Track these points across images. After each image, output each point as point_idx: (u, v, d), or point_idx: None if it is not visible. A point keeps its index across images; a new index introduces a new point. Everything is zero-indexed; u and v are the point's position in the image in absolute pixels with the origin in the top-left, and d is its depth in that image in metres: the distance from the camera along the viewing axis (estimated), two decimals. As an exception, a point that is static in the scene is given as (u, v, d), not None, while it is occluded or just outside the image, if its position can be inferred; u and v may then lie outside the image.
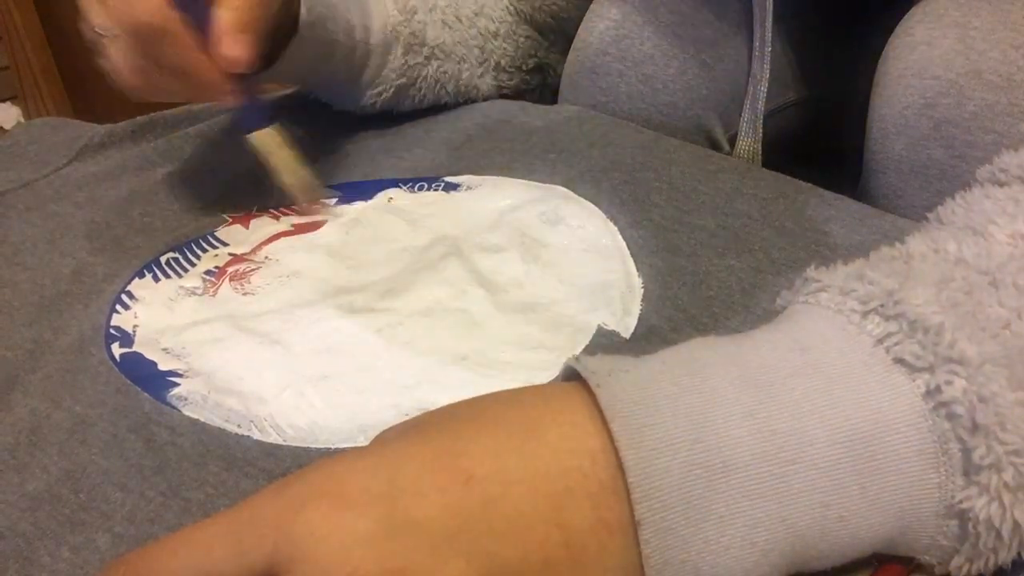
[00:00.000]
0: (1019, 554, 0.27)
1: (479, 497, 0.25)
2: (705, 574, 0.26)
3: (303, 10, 0.53)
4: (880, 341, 0.28)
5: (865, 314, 0.29)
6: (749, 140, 0.65)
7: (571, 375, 0.29)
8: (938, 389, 0.27)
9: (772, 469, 0.26)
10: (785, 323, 0.31)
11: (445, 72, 0.66)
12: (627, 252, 0.48)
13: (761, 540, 0.26)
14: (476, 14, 0.69)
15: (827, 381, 0.28)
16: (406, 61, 0.63)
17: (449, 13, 0.66)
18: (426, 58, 0.64)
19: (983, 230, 0.32)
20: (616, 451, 0.26)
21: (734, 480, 0.26)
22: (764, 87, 0.63)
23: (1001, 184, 0.36)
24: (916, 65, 0.50)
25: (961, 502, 0.27)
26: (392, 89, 0.63)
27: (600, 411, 0.27)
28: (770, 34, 0.62)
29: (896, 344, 0.28)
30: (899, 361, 0.28)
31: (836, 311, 0.30)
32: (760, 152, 0.65)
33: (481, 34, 0.69)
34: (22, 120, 1.82)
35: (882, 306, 0.29)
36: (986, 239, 0.32)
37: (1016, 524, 0.26)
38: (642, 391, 0.27)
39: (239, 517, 0.26)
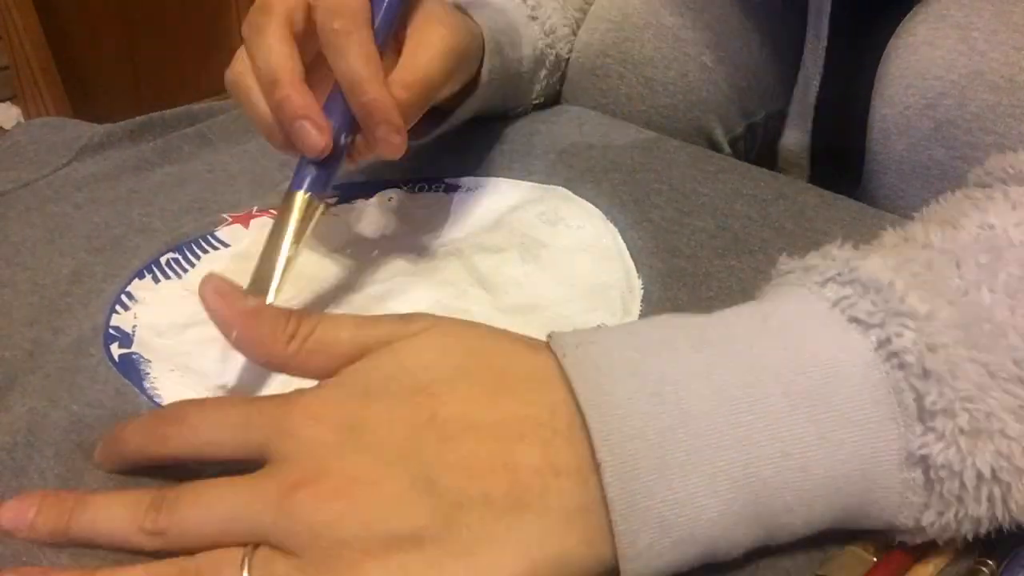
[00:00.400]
0: (993, 513, 0.28)
1: (438, 433, 0.29)
2: (671, 523, 0.27)
3: (484, 70, 0.52)
4: (835, 304, 0.29)
5: (824, 283, 0.30)
6: (799, 134, 0.65)
7: None
8: (888, 340, 0.28)
9: (729, 419, 0.28)
10: (753, 300, 0.33)
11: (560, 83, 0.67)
12: (627, 253, 0.48)
13: (723, 489, 0.27)
14: (573, 8, 0.68)
15: (783, 341, 0.29)
16: (547, 83, 0.63)
17: (569, 14, 0.67)
18: (561, 76, 0.65)
19: (954, 221, 0.33)
20: (576, 404, 0.28)
21: (693, 429, 0.27)
22: (817, 81, 0.63)
23: (984, 187, 0.36)
24: (918, 66, 0.51)
25: (920, 448, 0.27)
26: (530, 109, 0.64)
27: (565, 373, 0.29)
28: (826, 29, 0.62)
29: (851, 305, 0.29)
30: (853, 320, 0.29)
31: (799, 285, 0.31)
32: (809, 146, 0.65)
33: (573, 31, 0.69)
34: (22, 120, 1.82)
35: (839, 274, 0.30)
36: (955, 228, 0.33)
37: (980, 474, 0.27)
38: (605, 356, 0.29)
39: (254, 403, 0.32)
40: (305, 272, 0.49)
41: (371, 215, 0.54)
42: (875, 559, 0.30)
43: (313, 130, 0.40)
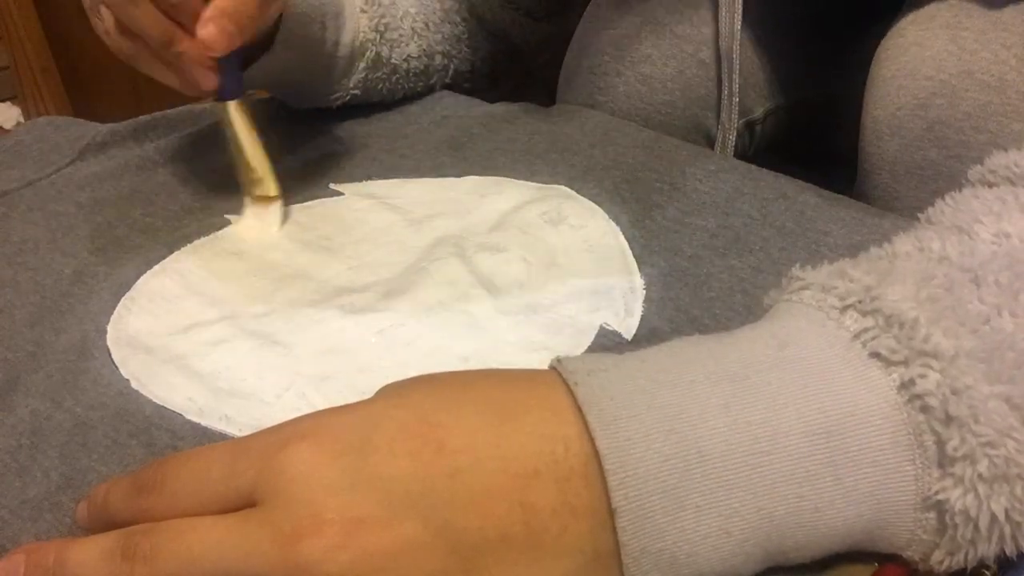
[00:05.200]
0: (1001, 548, 0.28)
1: (447, 467, 0.27)
2: (681, 563, 0.27)
3: (282, 29, 0.53)
4: (857, 336, 0.29)
5: (843, 309, 0.30)
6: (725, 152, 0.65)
7: None
8: (912, 382, 0.27)
9: (747, 459, 0.27)
10: (767, 320, 0.32)
11: (401, 86, 0.67)
12: (629, 252, 0.49)
13: (736, 530, 0.27)
14: (442, 20, 0.69)
15: (803, 375, 0.28)
16: (366, 75, 0.64)
17: (419, 20, 0.67)
18: (386, 74, 0.65)
19: (968, 229, 0.33)
20: (592, 441, 0.27)
21: (710, 470, 0.27)
22: (736, 100, 0.63)
23: (990, 185, 0.36)
24: (908, 66, 0.51)
25: (937, 493, 0.27)
26: (347, 96, 0.64)
27: (578, 405, 0.28)
28: (737, 55, 0.62)
29: (872, 339, 0.28)
30: (875, 355, 0.28)
31: (816, 308, 0.30)
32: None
33: (446, 39, 0.68)
34: (22, 120, 1.82)
35: (860, 302, 0.29)
36: (971, 237, 0.32)
37: (994, 516, 0.27)
38: (619, 386, 0.28)
39: (238, 445, 0.29)
40: (306, 272, 0.49)
41: (372, 214, 0.54)
42: (875, 564, 0.30)
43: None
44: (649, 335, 0.43)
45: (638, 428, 0.27)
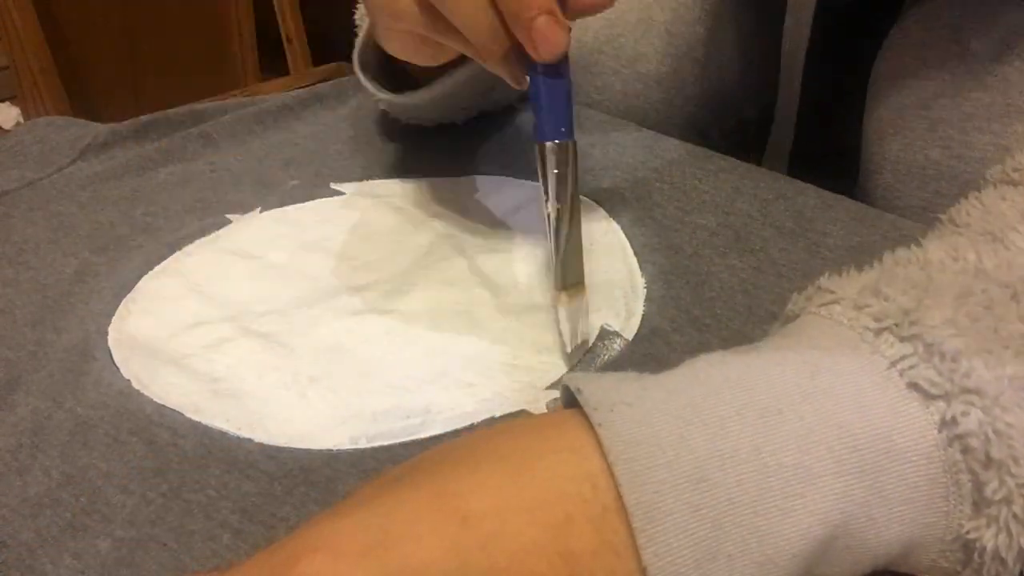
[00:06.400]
0: (1020, 570, 0.27)
1: (477, 536, 0.25)
2: None
3: None
4: (894, 364, 0.28)
5: (879, 332, 0.28)
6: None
7: (571, 395, 0.29)
8: (954, 420, 0.26)
9: (779, 504, 0.26)
10: (795, 338, 0.30)
11: None
12: (630, 251, 0.49)
13: None
14: None
15: (837, 408, 0.27)
16: None
17: None
18: None
19: (1003, 236, 0.32)
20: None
21: (741, 518, 0.26)
22: (790, 131, 0.62)
23: (1015, 184, 0.35)
24: (912, 65, 0.51)
25: (968, 532, 0.26)
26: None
27: (602, 447, 0.27)
28: (799, 79, 0.60)
29: (911, 368, 0.27)
30: (913, 386, 0.27)
31: (848, 327, 0.29)
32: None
33: None
34: (22, 120, 1.82)
35: (897, 325, 0.28)
36: (1006, 247, 0.31)
37: (1021, 550, 0.26)
38: (645, 427, 0.27)
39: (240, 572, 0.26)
40: (307, 272, 0.49)
41: (373, 214, 0.54)
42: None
43: (555, 25, 0.37)
44: (650, 334, 0.43)
45: (667, 477, 0.26)
